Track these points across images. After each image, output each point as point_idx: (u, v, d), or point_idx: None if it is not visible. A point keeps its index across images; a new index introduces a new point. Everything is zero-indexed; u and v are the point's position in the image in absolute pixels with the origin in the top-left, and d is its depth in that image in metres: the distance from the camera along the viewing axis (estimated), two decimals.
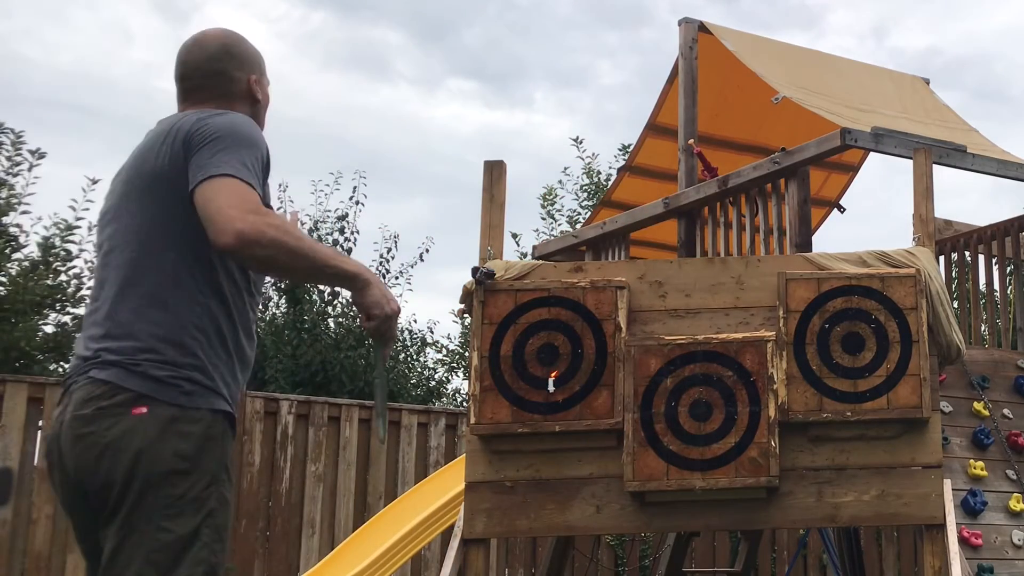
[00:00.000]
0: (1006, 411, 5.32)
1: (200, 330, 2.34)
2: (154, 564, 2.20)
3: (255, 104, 2.62)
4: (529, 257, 9.71)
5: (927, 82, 7.57)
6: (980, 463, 5.00)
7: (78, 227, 8.80)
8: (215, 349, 2.36)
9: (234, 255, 2.27)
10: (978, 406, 5.24)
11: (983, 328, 6.95)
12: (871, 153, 6.72)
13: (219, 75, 2.55)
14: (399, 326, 2.65)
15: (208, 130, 2.35)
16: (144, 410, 2.24)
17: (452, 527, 4.23)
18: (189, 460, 2.26)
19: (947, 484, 3.83)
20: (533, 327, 3.86)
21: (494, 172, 4.11)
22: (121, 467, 2.22)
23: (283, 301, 10.81)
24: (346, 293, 11.15)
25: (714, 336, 3.84)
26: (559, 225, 12.86)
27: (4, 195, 8.60)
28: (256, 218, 2.22)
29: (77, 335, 8.82)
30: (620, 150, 12.46)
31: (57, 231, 8.74)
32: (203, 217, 2.25)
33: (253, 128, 2.43)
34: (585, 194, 12.91)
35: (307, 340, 10.20)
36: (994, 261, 6.83)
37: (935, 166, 4.43)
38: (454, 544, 3.86)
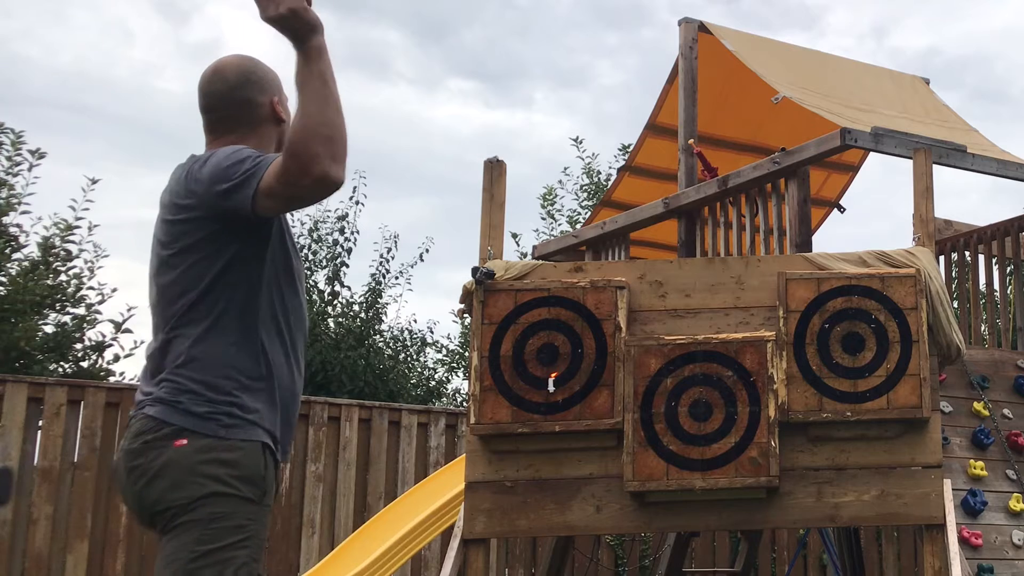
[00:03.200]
0: (1006, 411, 5.31)
1: (238, 371, 2.46)
2: (189, 573, 2.30)
3: (280, 124, 2.67)
4: (529, 257, 9.71)
5: (927, 82, 7.57)
6: (980, 463, 5.00)
7: (78, 227, 8.79)
8: (253, 386, 2.48)
9: (337, 174, 2.29)
10: (978, 406, 5.23)
11: (983, 328, 6.95)
12: (871, 153, 6.73)
13: (244, 104, 2.61)
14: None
15: (206, 170, 2.43)
16: (184, 442, 2.39)
17: (452, 527, 4.23)
18: (229, 485, 2.38)
19: (947, 484, 3.83)
20: (533, 327, 3.86)
21: (494, 172, 4.11)
22: (166, 494, 2.37)
23: None
24: (346, 293, 11.19)
25: (714, 336, 3.84)
26: (559, 225, 12.86)
27: (4, 195, 8.58)
28: (293, 163, 2.27)
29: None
30: (620, 150, 12.47)
31: (57, 231, 8.72)
32: (296, 207, 2.50)
33: (235, 150, 2.48)
34: (585, 194, 12.91)
35: (307, 340, 10.18)
36: (994, 261, 6.83)
37: (935, 166, 4.43)
38: (454, 544, 3.86)
